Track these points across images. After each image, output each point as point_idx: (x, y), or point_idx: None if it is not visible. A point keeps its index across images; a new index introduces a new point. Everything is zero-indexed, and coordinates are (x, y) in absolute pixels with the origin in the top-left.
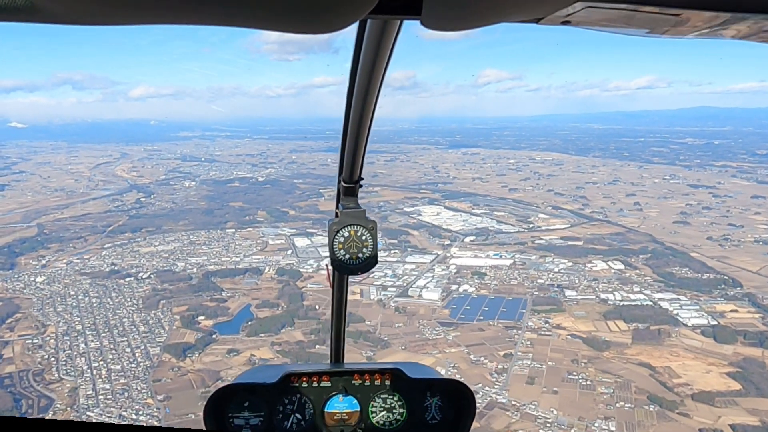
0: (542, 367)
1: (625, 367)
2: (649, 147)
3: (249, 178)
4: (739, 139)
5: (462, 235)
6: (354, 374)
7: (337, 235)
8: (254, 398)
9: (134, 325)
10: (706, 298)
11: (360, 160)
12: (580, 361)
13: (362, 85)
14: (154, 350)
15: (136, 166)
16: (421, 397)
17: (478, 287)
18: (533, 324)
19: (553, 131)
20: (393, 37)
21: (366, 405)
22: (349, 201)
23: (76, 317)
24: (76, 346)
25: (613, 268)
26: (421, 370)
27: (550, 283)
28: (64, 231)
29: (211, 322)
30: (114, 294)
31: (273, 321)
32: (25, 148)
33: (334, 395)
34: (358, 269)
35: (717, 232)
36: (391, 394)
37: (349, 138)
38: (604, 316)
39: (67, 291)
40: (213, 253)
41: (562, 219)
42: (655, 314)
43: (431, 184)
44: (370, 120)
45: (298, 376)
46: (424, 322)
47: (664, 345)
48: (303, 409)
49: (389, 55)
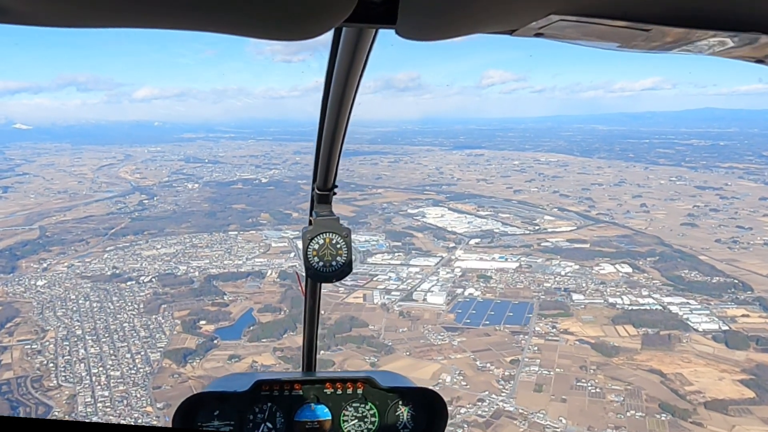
0: (550, 373)
1: (635, 373)
2: (655, 148)
3: (252, 179)
4: (745, 140)
5: (467, 237)
6: (326, 383)
7: (311, 243)
8: (224, 407)
9: (135, 330)
10: (716, 303)
11: (334, 167)
12: (588, 367)
13: (337, 93)
14: (154, 356)
15: (140, 168)
16: (393, 405)
17: (484, 291)
18: (540, 329)
19: (558, 132)
20: (368, 45)
21: (338, 413)
22: (323, 208)
23: (76, 322)
24: (75, 351)
25: (621, 272)
26: (393, 378)
27: (557, 287)
28: (66, 233)
29: (212, 327)
30: (115, 298)
31: (275, 326)
32: (29, 150)
33: (305, 404)
34: (332, 276)
35: (725, 235)
36: (363, 403)
37: (323, 145)
38: (613, 320)
39: (68, 295)
40: (215, 256)
41: (568, 221)
42: (664, 319)
43: (435, 185)
44: (345, 127)
45: (269, 384)
46: (428, 326)
47: (674, 351)
48: (274, 417)
49: (364, 63)
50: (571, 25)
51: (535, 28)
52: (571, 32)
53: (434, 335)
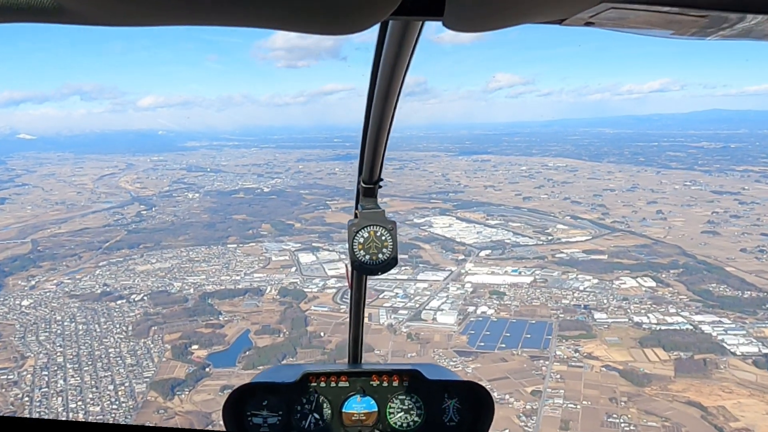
0: (576, 407)
1: (671, 407)
2: (665, 151)
3: (254, 188)
4: (756, 142)
5: (477, 248)
6: (372, 375)
7: (356, 236)
8: (273, 397)
9: (120, 357)
10: (752, 321)
11: (380, 161)
12: (619, 399)
13: (383, 87)
14: (139, 387)
15: (141, 177)
16: (438, 398)
17: (498, 309)
18: (561, 353)
19: (564, 136)
20: (414, 39)
21: (384, 406)
22: (369, 202)
23: (59, 347)
24: (54, 382)
25: (644, 286)
26: (439, 371)
27: (576, 304)
28: (59, 248)
29: (205, 353)
30: (103, 319)
31: (273, 350)
32: (32, 160)
33: (352, 396)
34: (377, 269)
35: (750, 243)
36: (409, 396)
37: (369, 139)
38: (640, 343)
39: (53, 316)
40: (212, 271)
41: (582, 230)
42: (697, 341)
43: (442, 192)
44: (390, 121)
45: (316, 375)
46: (439, 351)
47: (712, 378)
48: (321, 409)
49: (410, 57)
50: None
51: (585, 17)
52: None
53: (446, 360)
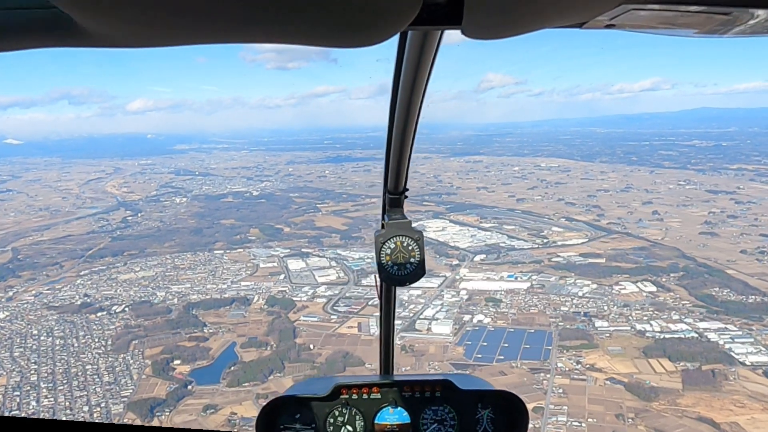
0: (582, 425)
1: (681, 423)
2: (657, 150)
3: (243, 192)
4: (747, 140)
5: (471, 253)
6: (404, 386)
7: (383, 246)
8: (305, 410)
9: (98, 374)
10: (759, 327)
11: (404, 170)
12: (626, 415)
13: (405, 97)
14: (116, 408)
15: (128, 182)
16: (472, 408)
17: (494, 317)
18: (563, 365)
19: (556, 136)
20: (434, 48)
21: (417, 417)
22: (395, 212)
23: (33, 364)
24: (25, 404)
25: (645, 291)
26: (471, 381)
27: (576, 311)
28: (40, 256)
29: (187, 368)
30: (81, 332)
31: (260, 365)
32: (18, 166)
33: (384, 407)
34: (405, 280)
35: (750, 245)
36: (442, 406)
37: (393, 149)
38: (645, 352)
39: (29, 330)
40: (198, 279)
41: (578, 232)
42: (704, 350)
43: (434, 195)
44: (414, 130)
45: (348, 387)
46: (435, 363)
47: (722, 391)
48: (354, 421)
49: (431, 65)
50: (643, 14)
51: (605, 19)
52: (644, 21)
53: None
